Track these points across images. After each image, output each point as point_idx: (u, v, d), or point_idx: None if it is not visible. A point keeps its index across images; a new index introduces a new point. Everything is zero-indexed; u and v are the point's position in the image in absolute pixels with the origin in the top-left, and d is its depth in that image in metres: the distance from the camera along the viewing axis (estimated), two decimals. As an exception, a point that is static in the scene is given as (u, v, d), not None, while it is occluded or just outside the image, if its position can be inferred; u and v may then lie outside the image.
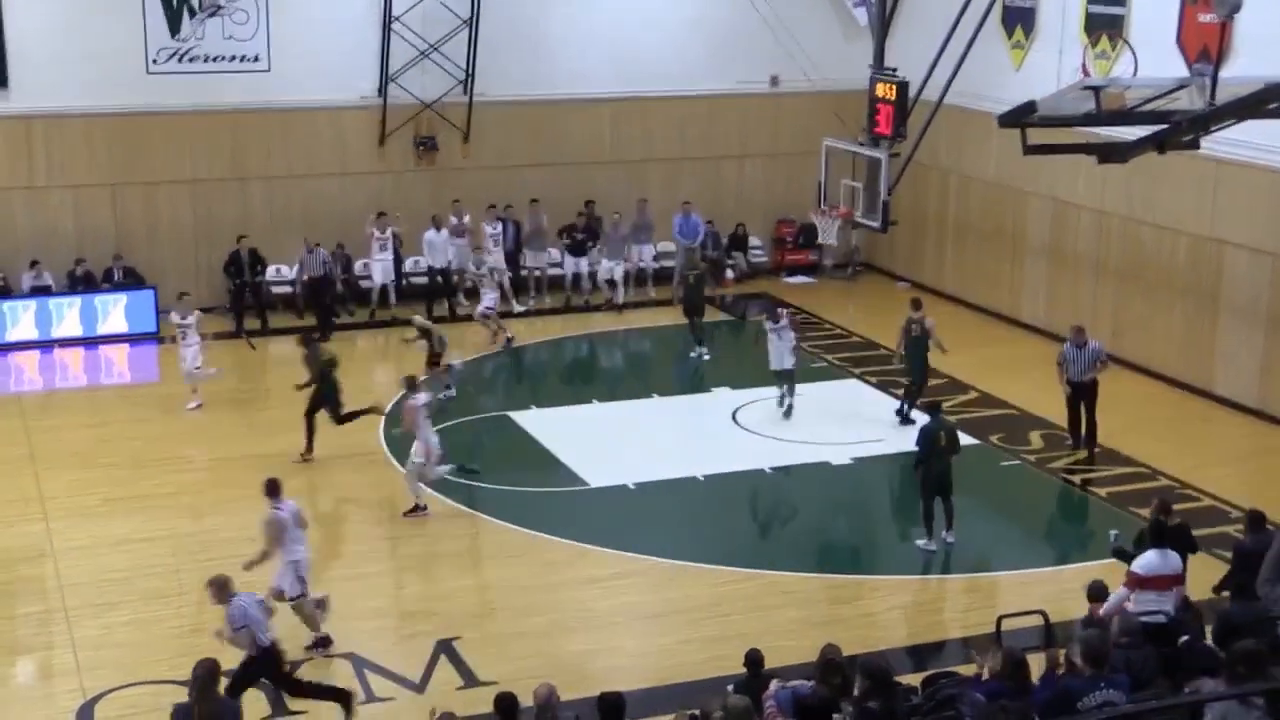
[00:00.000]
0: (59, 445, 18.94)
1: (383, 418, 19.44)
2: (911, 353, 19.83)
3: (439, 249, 24.81)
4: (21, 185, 23.78)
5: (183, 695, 12.67)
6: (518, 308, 25.18)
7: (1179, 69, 19.53)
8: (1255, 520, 13.06)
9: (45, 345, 22.91)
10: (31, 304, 23.22)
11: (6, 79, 23.33)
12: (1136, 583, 12.20)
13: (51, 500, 17.12)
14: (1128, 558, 12.80)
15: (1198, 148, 15.13)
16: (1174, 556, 12.41)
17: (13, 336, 23.07)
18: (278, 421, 19.99)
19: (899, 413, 19.90)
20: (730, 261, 27.50)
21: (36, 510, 16.85)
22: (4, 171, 23.67)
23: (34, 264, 23.53)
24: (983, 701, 9.62)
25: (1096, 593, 12.24)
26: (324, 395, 18.55)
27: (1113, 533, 13.79)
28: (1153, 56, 19.80)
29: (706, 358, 22.46)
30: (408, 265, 25.39)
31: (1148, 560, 12.26)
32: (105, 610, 14.44)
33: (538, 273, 25.94)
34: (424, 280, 25.25)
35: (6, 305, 23.18)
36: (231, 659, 12.75)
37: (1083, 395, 18.75)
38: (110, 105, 23.83)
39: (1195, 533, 15.65)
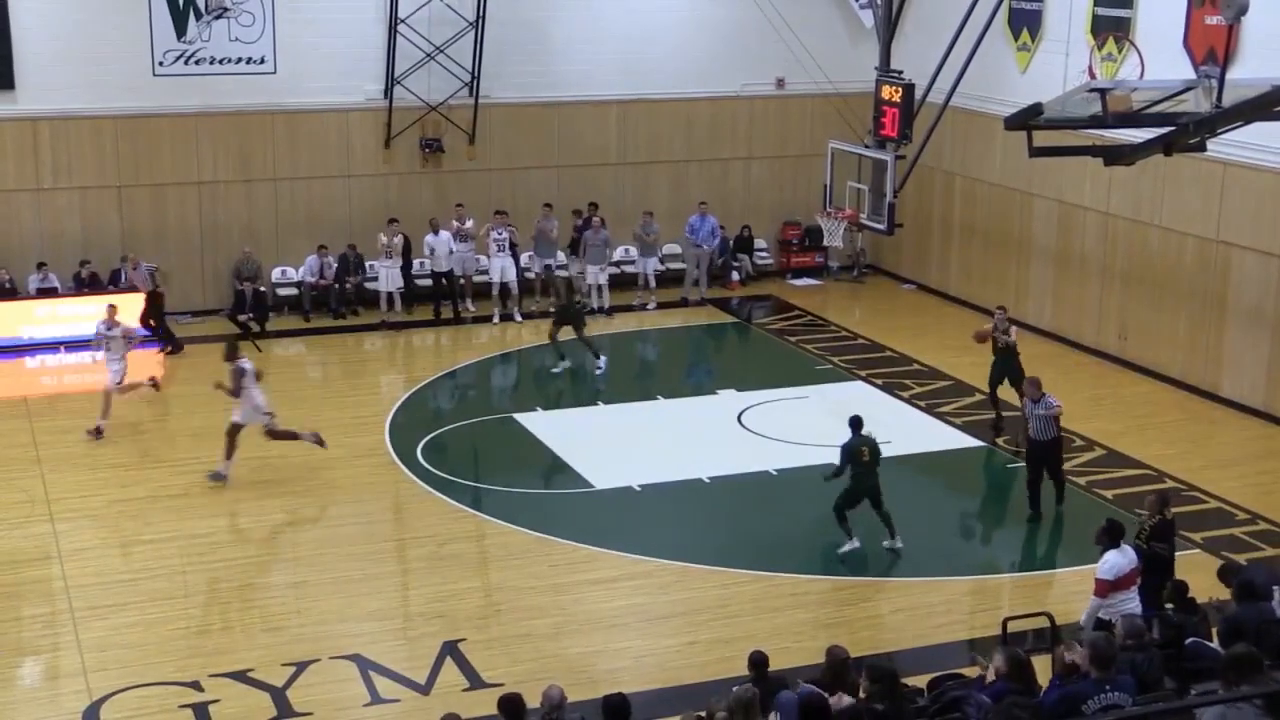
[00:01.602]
0: (65, 447, 18.94)
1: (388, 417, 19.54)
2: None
3: (439, 253, 24.69)
4: (29, 187, 23.77)
5: (188, 696, 12.76)
6: (518, 317, 25.12)
7: (1186, 71, 19.48)
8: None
9: (50, 347, 22.88)
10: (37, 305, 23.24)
11: (13, 80, 23.31)
12: (1109, 588, 12.25)
13: (57, 502, 17.12)
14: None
15: (1204, 150, 15.14)
16: (1131, 551, 12.58)
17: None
18: (282, 422, 19.98)
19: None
20: (735, 264, 27.48)
21: (43, 512, 16.85)
22: (11, 173, 23.67)
23: (40, 265, 23.56)
24: (988, 703, 9.62)
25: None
26: None
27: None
28: (1159, 58, 19.89)
29: (558, 371, 22.14)
30: (414, 268, 25.31)
31: (1113, 563, 12.33)
32: (111, 612, 14.44)
33: (543, 276, 25.78)
34: (429, 283, 25.18)
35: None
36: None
37: (1043, 455, 16.76)
38: (117, 107, 23.83)
39: (1200, 535, 15.82)
